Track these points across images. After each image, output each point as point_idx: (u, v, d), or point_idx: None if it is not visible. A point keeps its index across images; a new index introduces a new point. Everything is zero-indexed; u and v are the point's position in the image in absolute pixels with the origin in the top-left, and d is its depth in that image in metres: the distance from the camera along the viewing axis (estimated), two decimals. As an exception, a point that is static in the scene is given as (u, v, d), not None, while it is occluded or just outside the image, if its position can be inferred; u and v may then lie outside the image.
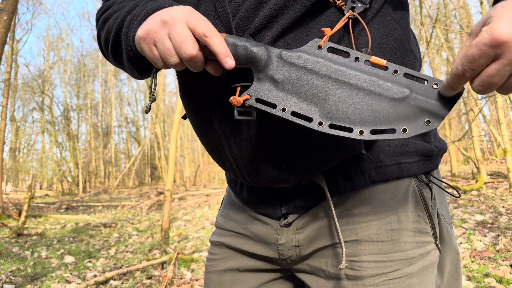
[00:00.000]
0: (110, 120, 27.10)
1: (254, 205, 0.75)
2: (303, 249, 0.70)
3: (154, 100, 0.63)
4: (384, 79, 0.52)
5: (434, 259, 0.65)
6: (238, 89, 0.56)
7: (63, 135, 24.41)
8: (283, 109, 0.53)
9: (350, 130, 0.51)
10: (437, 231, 0.66)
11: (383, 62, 0.53)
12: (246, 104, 0.55)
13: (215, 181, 19.72)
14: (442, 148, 0.71)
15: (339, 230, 0.63)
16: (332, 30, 0.56)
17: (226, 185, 0.99)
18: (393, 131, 0.50)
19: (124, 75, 28.39)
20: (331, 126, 0.51)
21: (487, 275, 2.75)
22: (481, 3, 6.38)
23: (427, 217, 0.66)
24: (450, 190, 0.71)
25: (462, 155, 14.42)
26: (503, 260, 3.05)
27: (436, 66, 14.29)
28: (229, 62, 0.53)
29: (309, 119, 0.52)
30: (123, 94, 29.08)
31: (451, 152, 11.02)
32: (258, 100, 0.54)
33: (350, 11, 0.59)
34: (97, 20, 0.75)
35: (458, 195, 0.67)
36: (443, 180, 0.71)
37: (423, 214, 0.66)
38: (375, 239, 0.64)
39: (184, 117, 0.80)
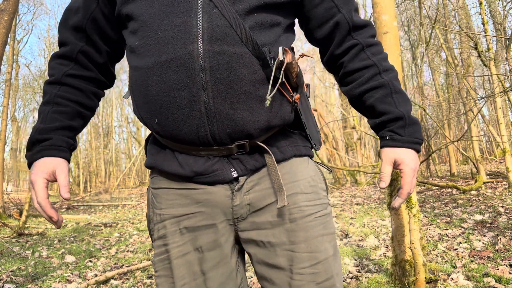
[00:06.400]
0: (111, 120, 27.10)
1: (205, 176, 0.86)
2: (253, 206, 0.88)
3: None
4: (314, 120, 1.06)
5: (330, 209, 0.96)
6: (298, 96, 0.90)
7: (64, 135, 24.37)
8: (303, 119, 0.93)
9: (311, 138, 0.96)
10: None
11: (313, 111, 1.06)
12: (296, 100, 0.88)
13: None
14: (318, 150, 1.04)
15: (280, 177, 0.85)
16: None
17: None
18: (316, 145, 0.98)
19: (124, 75, 28.36)
20: (309, 135, 0.95)
21: (486, 275, 2.76)
22: (480, 3, 6.39)
23: (323, 180, 0.97)
24: (324, 168, 1.08)
25: (461, 155, 14.42)
26: (502, 260, 3.06)
27: (435, 67, 14.29)
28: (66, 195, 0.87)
29: (307, 128, 0.94)
30: (124, 94, 29.06)
31: (450, 152, 11.02)
32: (298, 108, 0.92)
33: (302, 53, 0.92)
34: (49, 65, 1.00)
35: (330, 171, 1.09)
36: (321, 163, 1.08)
37: (322, 178, 0.97)
38: (304, 191, 0.90)
39: (125, 96, 0.99)
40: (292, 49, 0.89)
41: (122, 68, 28.18)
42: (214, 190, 0.87)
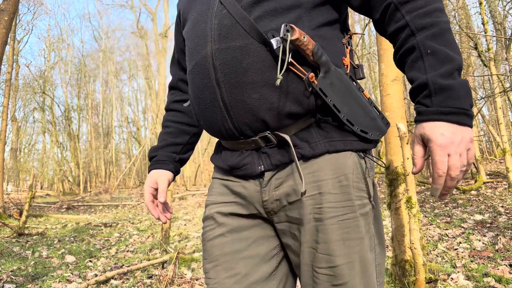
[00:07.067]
0: (111, 120, 27.13)
1: (238, 170, 0.94)
2: (282, 202, 0.90)
3: None
4: (369, 104, 0.91)
5: (368, 210, 0.88)
6: (312, 75, 0.82)
7: (64, 135, 24.44)
8: (330, 100, 0.84)
9: (352, 124, 0.87)
10: (371, 191, 0.90)
11: (368, 95, 0.91)
12: (311, 80, 0.81)
13: (215, 181, 19.63)
14: (376, 139, 0.94)
15: (300, 169, 0.83)
16: (347, 59, 0.90)
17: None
18: (366, 133, 0.88)
19: (125, 75, 28.43)
20: (347, 120, 0.86)
21: (486, 275, 2.77)
22: (480, 3, 6.39)
23: (363, 179, 0.89)
24: (380, 163, 0.99)
25: (462, 155, 14.37)
26: (502, 260, 3.06)
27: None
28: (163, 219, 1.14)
29: (339, 111, 0.85)
30: (124, 94, 29.11)
31: (451, 152, 10.98)
32: (320, 89, 0.83)
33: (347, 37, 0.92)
34: (168, 93, 1.24)
35: (384, 166, 1.04)
36: (376, 157, 0.98)
37: (361, 177, 0.89)
38: (332, 192, 0.85)
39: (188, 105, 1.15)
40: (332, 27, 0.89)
41: (122, 69, 28.22)
42: (247, 185, 0.94)
